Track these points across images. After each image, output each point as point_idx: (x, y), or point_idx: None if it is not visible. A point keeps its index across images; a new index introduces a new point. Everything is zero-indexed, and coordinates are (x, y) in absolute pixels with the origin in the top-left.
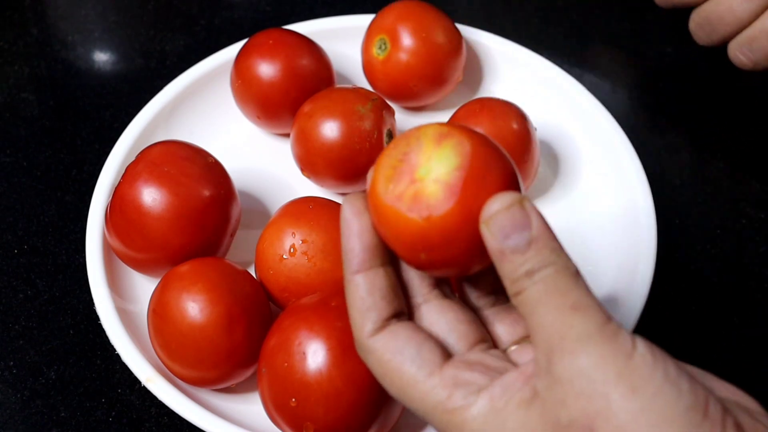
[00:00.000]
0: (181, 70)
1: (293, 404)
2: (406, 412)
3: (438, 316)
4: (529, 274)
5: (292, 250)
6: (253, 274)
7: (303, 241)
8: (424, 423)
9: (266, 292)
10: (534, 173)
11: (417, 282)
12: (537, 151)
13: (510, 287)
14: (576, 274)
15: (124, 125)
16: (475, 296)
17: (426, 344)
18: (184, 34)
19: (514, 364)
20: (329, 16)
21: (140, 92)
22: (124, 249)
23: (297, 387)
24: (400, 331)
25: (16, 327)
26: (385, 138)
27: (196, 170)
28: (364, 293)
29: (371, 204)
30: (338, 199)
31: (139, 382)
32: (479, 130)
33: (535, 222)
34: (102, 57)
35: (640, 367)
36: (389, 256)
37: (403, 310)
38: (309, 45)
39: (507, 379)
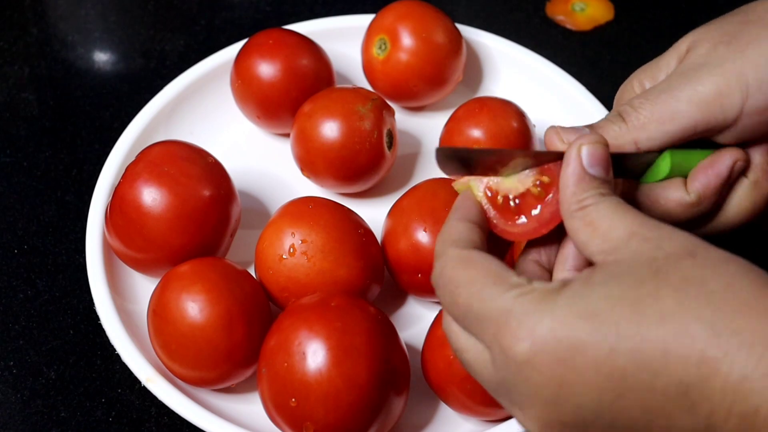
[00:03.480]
0: (181, 70)
1: (293, 404)
2: (406, 412)
3: None
4: (603, 195)
5: (291, 250)
6: (253, 274)
7: (303, 241)
8: (423, 423)
9: (266, 292)
10: None
11: None
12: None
13: (574, 203)
14: None
15: (124, 125)
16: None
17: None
18: (184, 34)
19: None
20: (329, 16)
21: (140, 92)
22: (124, 249)
23: (297, 387)
24: (486, 255)
25: (16, 327)
26: (384, 138)
27: (196, 170)
28: (466, 216)
29: None
30: (338, 199)
31: (139, 382)
32: (479, 129)
33: (611, 170)
34: (102, 57)
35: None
36: None
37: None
38: (309, 45)
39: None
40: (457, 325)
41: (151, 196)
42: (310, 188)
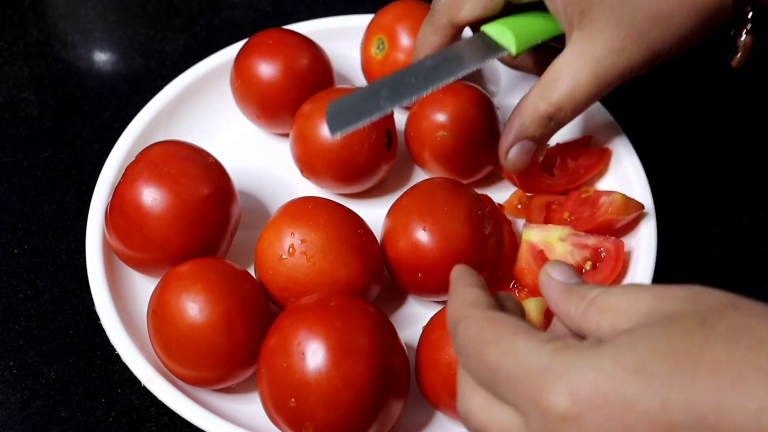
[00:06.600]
0: (181, 70)
1: (293, 404)
2: (406, 412)
3: None
4: (593, 302)
5: (291, 250)
6: (253, 274)
7: (302, 241)
8: (423, 423)
9: (266, 292)
10: None
11: None
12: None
13: (579, 310)
14: None
15: (124, 125)
16: None
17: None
18: (184, 34)
19: None
20: (329, 16)
21: (140, 92)
22: (124, 249)
23: (296, 387)
24: (512, 316)
25: (16, 327)
26: (384, 138)
27: (196, 170)
28: (475, 283)
29: None
30: (338, 200)
31: (139, 382)
32: (443, 113)
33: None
34: (102, 57)
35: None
36: None
37: None
38: (309, 45)
39: None
40: (480, 398)
41: (151, 196)
42: (310, 188)
